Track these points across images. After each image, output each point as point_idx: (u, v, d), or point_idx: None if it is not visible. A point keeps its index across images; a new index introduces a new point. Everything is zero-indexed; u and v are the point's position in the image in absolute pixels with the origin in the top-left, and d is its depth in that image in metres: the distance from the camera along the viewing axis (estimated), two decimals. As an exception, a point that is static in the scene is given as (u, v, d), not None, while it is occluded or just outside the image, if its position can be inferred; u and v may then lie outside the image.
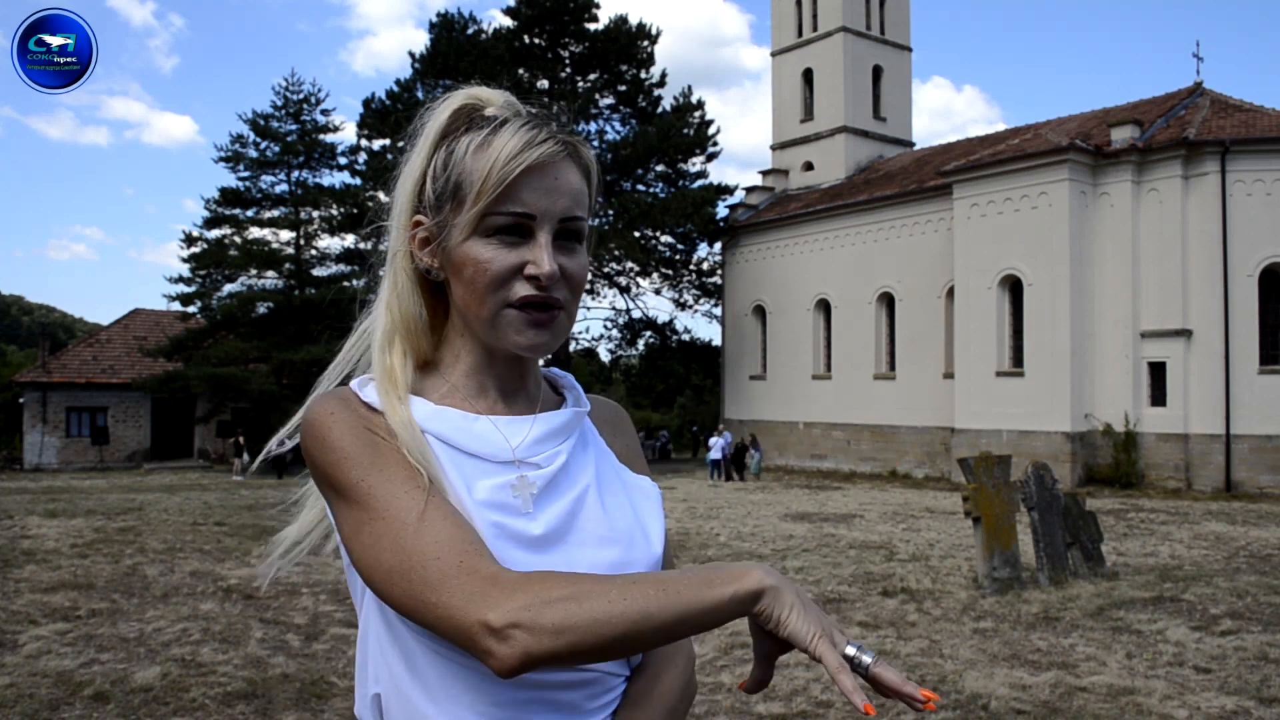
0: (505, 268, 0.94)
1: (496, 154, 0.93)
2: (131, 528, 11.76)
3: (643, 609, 0.81)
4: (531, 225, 0.95)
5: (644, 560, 0.99)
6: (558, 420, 1.02)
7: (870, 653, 0.84)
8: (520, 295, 0.95)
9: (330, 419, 0.94)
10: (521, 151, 0.93)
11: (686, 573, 0.85)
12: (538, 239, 0.95)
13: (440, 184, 0.97)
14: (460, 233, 0.95)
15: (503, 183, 0.93)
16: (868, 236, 27.43)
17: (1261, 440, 20.29)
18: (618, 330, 37.56)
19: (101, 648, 5.82)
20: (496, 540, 0.91)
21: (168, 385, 29.41)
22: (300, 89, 32.40)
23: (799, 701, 4.91)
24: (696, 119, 33.39)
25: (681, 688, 1.03)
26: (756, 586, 0.83)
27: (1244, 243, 20.57)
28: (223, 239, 32.03)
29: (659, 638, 0.83)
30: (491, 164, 0.93)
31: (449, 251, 0.97)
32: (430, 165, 0.99)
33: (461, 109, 1.00)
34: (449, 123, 0.99)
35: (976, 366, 23.50)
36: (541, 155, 0.94)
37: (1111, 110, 25.58)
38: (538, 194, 0.94)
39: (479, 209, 0.93)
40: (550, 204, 0.95)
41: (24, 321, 77.32)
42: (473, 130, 0.97)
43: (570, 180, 0.97)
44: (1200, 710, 4.77)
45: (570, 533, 0.96)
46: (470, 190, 0.94)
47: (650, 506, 1.06)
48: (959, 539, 11.47)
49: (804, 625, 0.83)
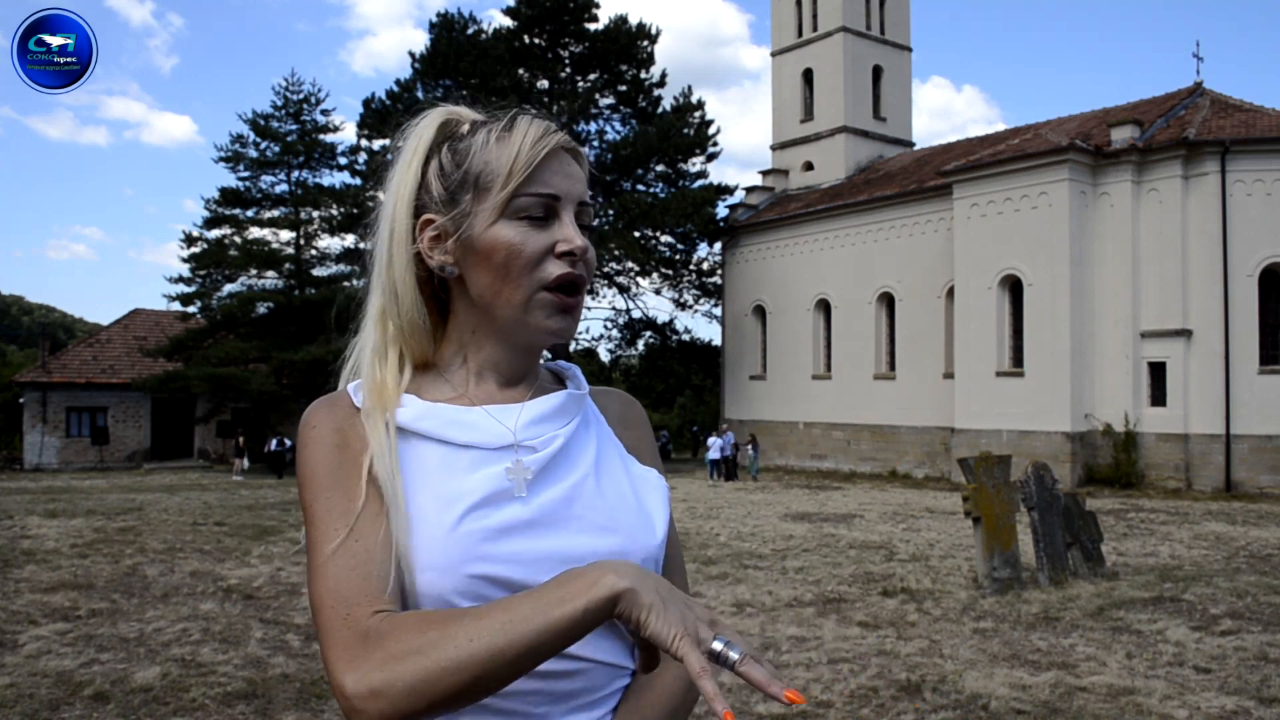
0: (539, 248, 0.97)
1: (522, 139, 0.98)
2: (131, 528, 11.76)
3: (490, 646, 0.78)
4: (557, 206, 0.98)
5: (644, 550, 0.99)
6: (552, 403, 1.02)
7: (738, 648, 0.79)
8: (555, 275, 0.97)
9: (309, 433, 0.96)
10: (544, 136, 0.98)
11: (537, 593, 0.81)
12: (563, 219, 0.99)
13: (453, 179, 0.99)
14: (486, 218, 0.97)
15: (531, 164, 0.97)
16: (868, 236, 27.42)
17: (1261, 440, 20.28)
18: (618, 330, 37.58)
19: (101, 648, 5.82)
20: (483, 542, 0.91)
21: (168, 385, 29.40)
22: (300, 89, 32.41)
23: (799, 701, 4.91)
24: (696, 119, 33.39)
25: (685, 687, 1.02)
26: (609, 593, 0.79)
27: (1244, 243, 20.56)
28: (223, 239, 32.01)
29: (516, 671, 0.80)
30: (519, 148, 0.97)
31: (472, 240, 0.98)
32: (429, 170, 1.01)
33: (446, 122, 1.03)
34: (437, 133, 1.02)
35: (976, 366, 23.50)
36: (561, 141, 1.00)
37: (1111, 110, 25.58)
38: (560, 177, 0.99)
39: (509, 190, 0.96)
40: (570, 186, 1.00)
41: (24, 321, 77.31)
42: (485, 127, 1.01)
43: (581, 170, 1.03)
44: (1200, 710, 4.77)
45: (567, 518, 0.96)
46: (496, 176, 0.97)
47: (655, 497, 1.05)
48: (959, 539, 11.47)
49: (664, 627, 0.79)
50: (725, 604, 7.45)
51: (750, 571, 9.06)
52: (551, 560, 0.93)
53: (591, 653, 0.95)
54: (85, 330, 61.80)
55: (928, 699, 4.95)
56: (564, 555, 0.93)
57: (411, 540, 0.90)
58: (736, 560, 9.74)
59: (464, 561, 0.90)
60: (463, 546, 0.90)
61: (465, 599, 0.89)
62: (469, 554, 0.90)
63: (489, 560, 0.90)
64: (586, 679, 0.95)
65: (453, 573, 0.89)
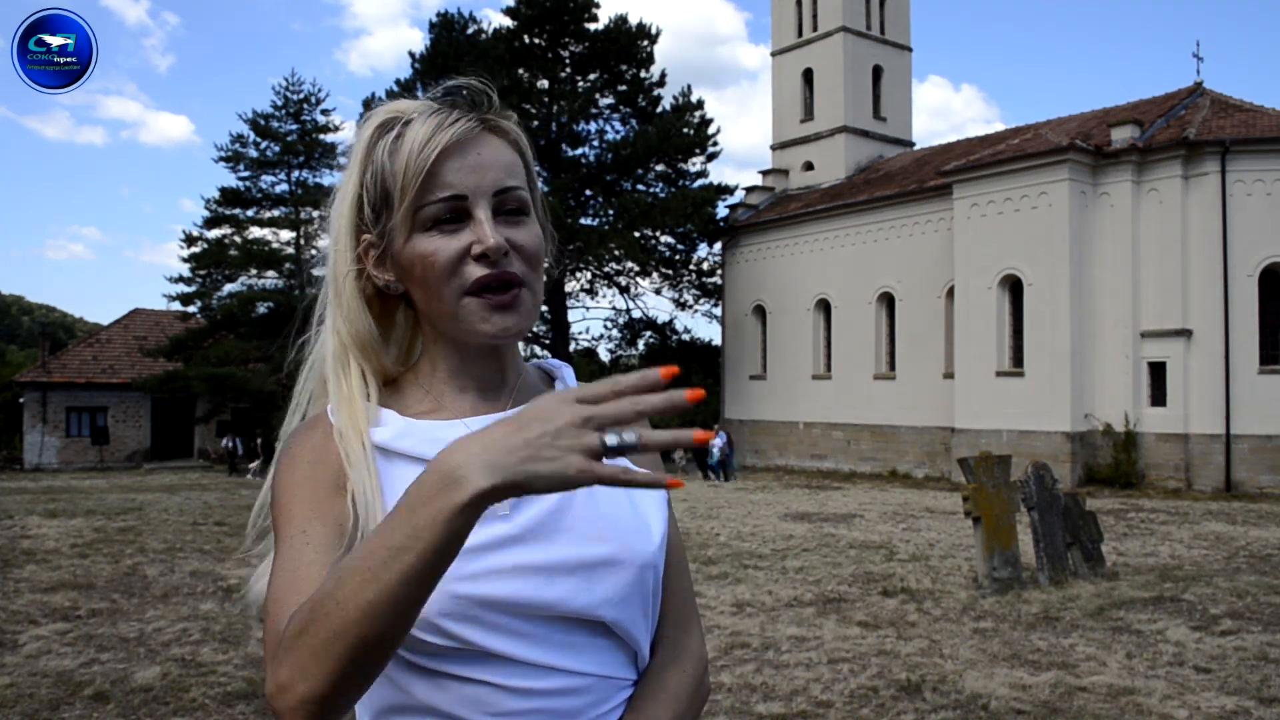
0: (452, 254, 0.92)
1: (410, 145, 0.92)
2: (131, 528, 11.76)
3: (360, 601, 0.71)
4: (465, 205, 0.92)
5: (640, 557, 0.96)
6: None
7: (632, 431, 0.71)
8: (474, 278, 0.92)
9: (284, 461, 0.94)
10: (433, 136, 0.92)
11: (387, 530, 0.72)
12: (476, 216, 0.92)
13: (374, 196, 0.95)
14: (400, 234, 0.94)
15: (421, 171, 0.91)
16: (868, 236, 27.43)
17: (1261, 440, 20.28)
18: (617, 330, 37.55)
19: (101, 648, 5.82)
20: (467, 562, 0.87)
21: (168, 385, 29.43)
22: (300, 89, 32.46)
23: (799, 701, 4.91)
24: (696, 119, 33.37)
25: (690, 691, 1.00)
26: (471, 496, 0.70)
27: (1244, 243, 20.57)
28: (223, 239, 32.05)
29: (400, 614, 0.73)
30: (407, 156, 0.92)
31: (397, 258, 0.95)
32: (362, 182, 0.97)
33: (383, 124, 0.97)
34: (372, 139, 0.96)
35: (976, 366, 23.50)
36: (455, 134, 0.92)
37: (1111, 110, 25.59)
38: (462, 173, 0.92)
39: (408, 203, 0.92)
40: (479, 180, 0.93)
41: (24, 321, 77.32)
42: (385, 136, 0.95)
43: (496, 153, 0.95)
44: (1200, 710, 4.77)
45: (556, 530, 0.93)
46: (395, 188, 0.93)
47: (652, 501, 1.01)
48: (959, 539, 11.47)
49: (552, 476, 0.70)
50: (725, 604, 7.44)
51: (750, 571, 9.06)
52: (539, 573, 0.90)
53: (591, 667, 0.93)
54: (85, 330, 61.78)
55: (928, 699, 4.95)
56: (551, 566, 0.91)
57: None
58: (736, 560, 9.74)
59: (447, 582, 0.86)
60: None
61: (452, 620, 0.87)
62: (452, 575, 0.86)
63: (473, 580, 0.88)
64: (588, 695, 0.93)
65: (437, 594, 0.85)
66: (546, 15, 31.35)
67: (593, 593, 0.92)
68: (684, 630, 1.05)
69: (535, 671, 0.90)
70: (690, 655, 1.03)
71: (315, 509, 0.89)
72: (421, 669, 0.90)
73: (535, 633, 0.90)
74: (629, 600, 0.95)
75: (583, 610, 0.92)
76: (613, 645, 0.95)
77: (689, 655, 1.03)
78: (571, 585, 0.91)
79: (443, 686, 0.89)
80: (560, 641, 0.92)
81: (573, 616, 0.92)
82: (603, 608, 0.93)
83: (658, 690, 0.98)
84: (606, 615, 0.93)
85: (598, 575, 0.93)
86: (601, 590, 0.93)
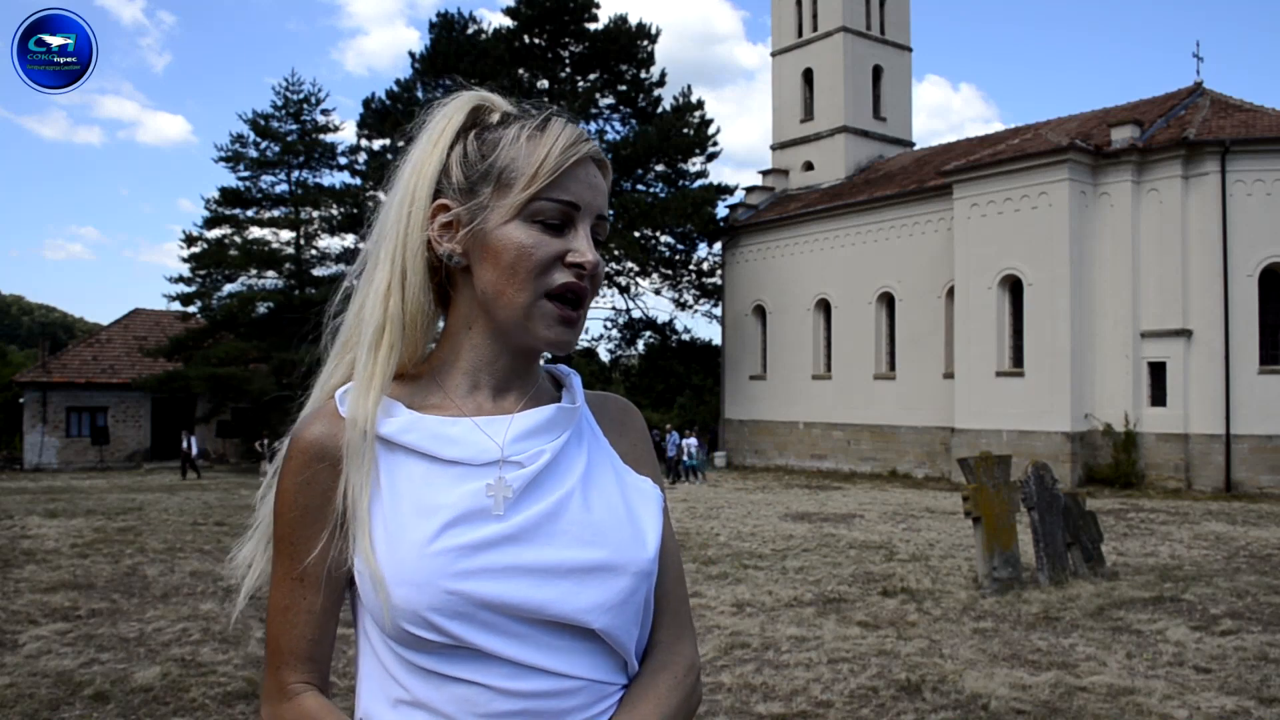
0: (549, 254, 0.95)
1: (552, 142, 0.95)
2: (131, 528, 11.77)
3: None
4: (574, 216, 0.96)
5: (634, 563, 0.96)
6: (542, 417, 0.98)
7: None
8: (560, 283, 0.95)
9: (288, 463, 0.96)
10: (575, 143, 0.96)
11: None
12: (578, 230, 0.96)
13: (477, 169, 0.96)
14: (501, 215, 0.95)
15: (558, 170, 0.94)
16: (868, 236, 27.42)
17: (1261, 440, 20.28)
18: (618, 330, 37.55)
19: (101, 648, 5.82)
20: (459, 559, 0.89)
21: (168, 385, 29.40)
22: (300, 89, 32.43)
23: (799, 701, 4.91)
24: (696, 119, 33.37)
25: (682, 697, 1.00)
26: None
27: (1244, 243, 20.56)
28: (223, 239, 32.02)
29: None
30: (548, 151, 0.95)
31: (485, 234, 0.95)
32: (453, 154, 0.98)
33: (478, 108, 1.01)
34: (467, 118, 1.00)
35: (976, 366, 23.50)
36: (590, 150, 0.97)
37: (1111, 110, 25.58)
38: (583, 186, 0.97)
39: (531, 192, 0.94)
40: (592, 198, 0.97)
41: (24, 321, 77.30)
42: (518, 121, 0.98)
43: (603, 182, 1.00)
44: (1200, 710, 4.77)
45: (550, 534, 0.93)
46: (520, 175, 0.95)
47: (649, 507, 1.01)
48: (959, 539, 11.47)
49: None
50: (725, 604, 7.44)
51: (750, 571, 9.06)
52: (530, 574, 0.91)
53: (580, 670, 0.93)
54: (85, 330, 61.77)
55: (928, 699, 4.95)
56: (543, 569, 0.91)
57: (389, 554, 0.90)
58: (736, 560, 9.74)
59: (440, 578, 0.88)
60: (438, 563, 0.89)
61: (442, 615, 0.88)
62: (444, 570, 0.89)
63: (465, 577, 0.89)
64: (576, 698, 0.93)
65: (429, 589, 0.88)
66: (546, 15, 31.36)
67: (581, 598, 0.92)
68: (677, 636, 1.05)
69: (524, 673, 0.91)
70: (683, 661, 1.03)
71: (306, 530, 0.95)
72: (416, 667, 0.91)
73: (525, 633, 0.91)
74: (620, 607, 0.95)
75: (570, 615, 0.92)
76: (603, 650, 0.95)
77: (682, 661, 1.03)
78: (561, 589, 0.92)
79: (435, 685, 0.91)
80: (550, 644, 0.92)
81: (561, 621, 0.92)
82: (591, 614, 0.93)
83: (649, 694, 0.98)
84: (595, 622, 0.93)
85: (589, 581, 0.93)
86: (591, 596, 0.93)
